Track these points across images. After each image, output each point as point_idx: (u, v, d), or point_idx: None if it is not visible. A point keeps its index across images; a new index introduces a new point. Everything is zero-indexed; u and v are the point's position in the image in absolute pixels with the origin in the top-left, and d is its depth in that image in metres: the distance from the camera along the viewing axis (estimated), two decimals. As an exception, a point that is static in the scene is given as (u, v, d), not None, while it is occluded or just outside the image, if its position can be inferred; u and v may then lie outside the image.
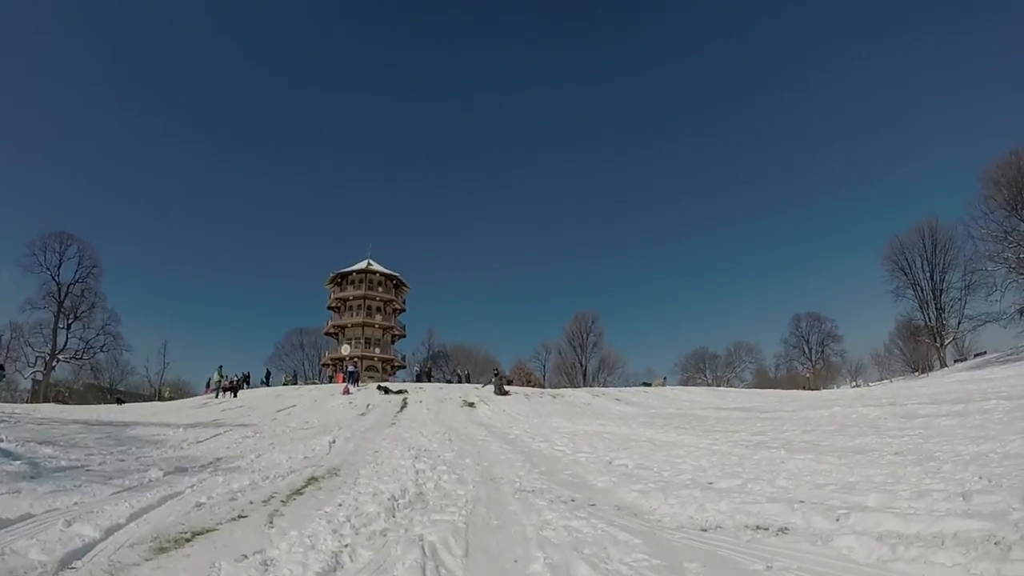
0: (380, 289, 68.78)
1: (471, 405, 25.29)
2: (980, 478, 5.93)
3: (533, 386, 53.02)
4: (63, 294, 56.65)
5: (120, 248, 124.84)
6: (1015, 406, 11.81)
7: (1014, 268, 45.46)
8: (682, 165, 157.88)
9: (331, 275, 69.61)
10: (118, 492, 6.66)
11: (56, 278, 56.82)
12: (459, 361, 75.42)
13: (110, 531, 5.04)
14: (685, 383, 71.25)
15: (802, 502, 5.64)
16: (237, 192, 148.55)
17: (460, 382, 45.62)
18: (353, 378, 37.64)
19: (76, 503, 5.98)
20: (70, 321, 56.95)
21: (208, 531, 5.26)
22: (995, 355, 47.34)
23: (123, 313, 66.20)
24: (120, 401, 38.29)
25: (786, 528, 5.06)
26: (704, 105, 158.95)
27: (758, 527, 5.19)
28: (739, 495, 6.39)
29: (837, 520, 4.96)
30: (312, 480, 8.21)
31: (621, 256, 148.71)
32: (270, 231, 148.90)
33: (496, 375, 28.22)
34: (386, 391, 26.36)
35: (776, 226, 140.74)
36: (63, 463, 8.42)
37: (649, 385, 39.80)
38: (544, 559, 4.57)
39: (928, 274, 62.85)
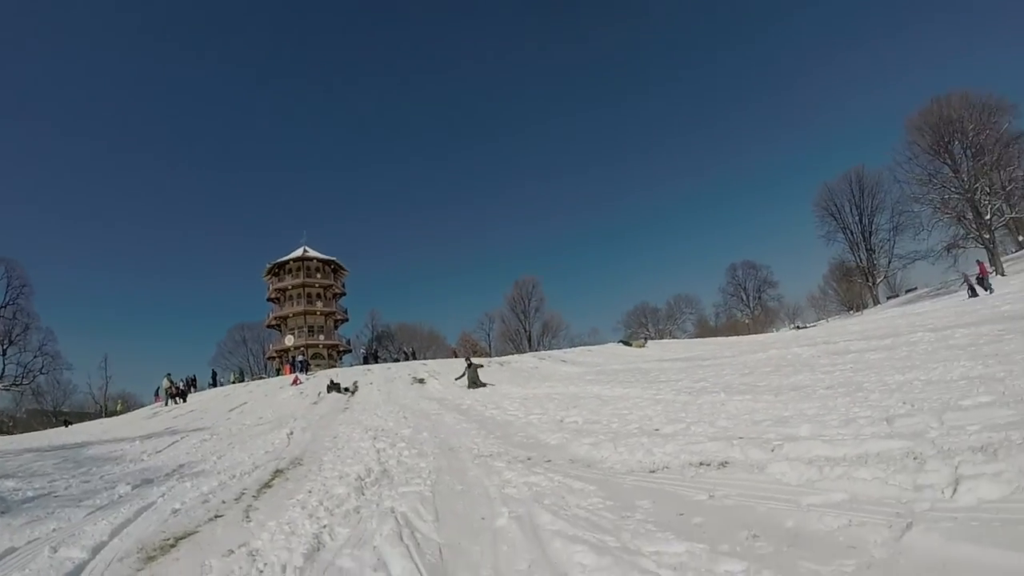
0: (318, 275, 67.40)
1: (421, 381, 25.50)
2: (903, 403, 6.57)
3: (480, 356, 53.36)
4: (-7, 319, 52.54)
5: (42, 261, 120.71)
6: (939, 337, 12.69)
7: (939, 208, 48.23)
8: (614, 126, 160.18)
9: (268, 266, 67.91)
10: (92, 512, 6.67)
11: (-17, 303, 52.57)
12: (404, 340, 74.52)
13: (96, 550, 5.12)
14: (628, 338, 72.55)
15: (741, 438, 6.15)
16: (161, 191, 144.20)
17: (407, 360, 45.72)
18: (303, 367, 37.53)
19: (55, 529, 6.00)
20: (5, 346, 52.88)
21: (190, 534, 5.39)
22: (925, 290, 49.83)
23: (58, 330, 62.55)
24: (67, 423, 36.61)
25: (726, 462, 5.54)
26: (634, 67, 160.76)
27: (701, 464, 5.65)
28: (683, 438, 6.89)
29: (772, 451, 5.47)
30: (278, 472, 8.34)
31: (557, 220, 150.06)
32: (199, 228, 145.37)
33: (469, 365, 22.33)
34: (339, 389, 24.05)
35: (708, 180, 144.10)
36: (29, 493, 8.25)
37: (629, 345, 39.17)
38: (508, 513, 4.93)
39: (857, 218, 67.61)
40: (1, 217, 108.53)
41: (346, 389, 24.32)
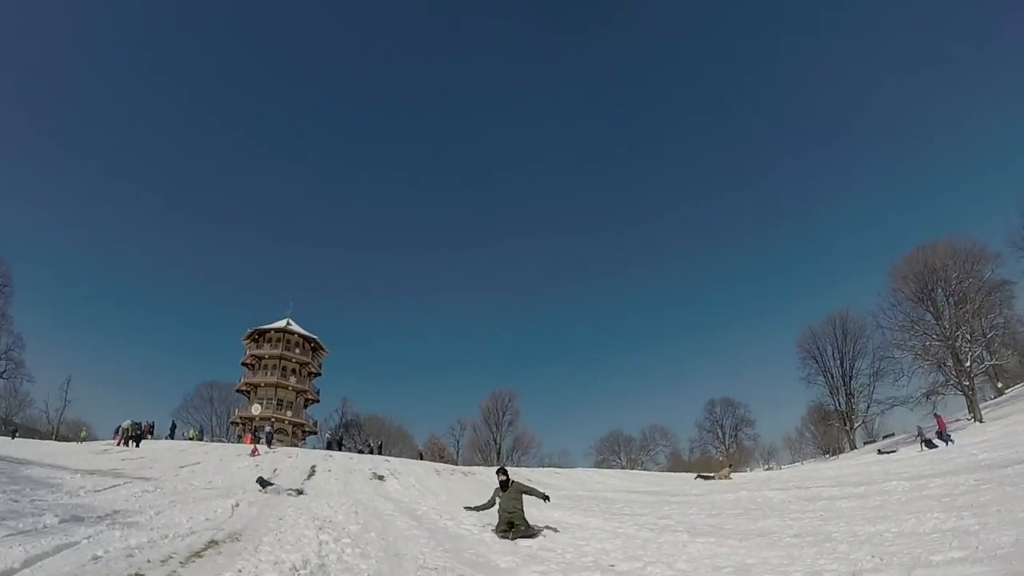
0: (297, 350, 68.16)
1: (380, 478, 24.95)
2: (872, 556, 6.33)
3: (446, 462, 52.57)
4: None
5: (32, 267, 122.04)
6: (913, 486, 12.54)
7: (920, 355, 50.28)
8: (586, 254, 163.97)
9: (249, 330, 68.62)
10: (11, 535, 6.60)
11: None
12: (372, 432, 74.71)
13: (4, 575, 4.96)
14: (599, 465, 72.36)
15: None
16: (153, 229, 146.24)
17: (371, 453, 45.48)
18: (268, 439, 37.77)
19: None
20: (-32, 339, 52.09)
21: (103, 588, 5.05)
22: (903, 436, 50.14)
23: (28, 340, 61.32)
24: (14, 433, 35.92)
25: None
26: (624, 204, 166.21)
27: None
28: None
29: (729, 602, 5.18)
30: (213, 543, 7.98)
31: (539, 336, 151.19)
32: (189, 273, 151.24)
33: (503, 482, 11.37)
34: (263, 484, 16.75)
35: (692, 314, 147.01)
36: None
37: (710, 478, 35.58)
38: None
39: (839, 361, 70.35)
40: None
41: (290, 491, 16.92)
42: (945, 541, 6.41)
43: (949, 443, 29.44)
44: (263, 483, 16.52)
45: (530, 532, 10.34)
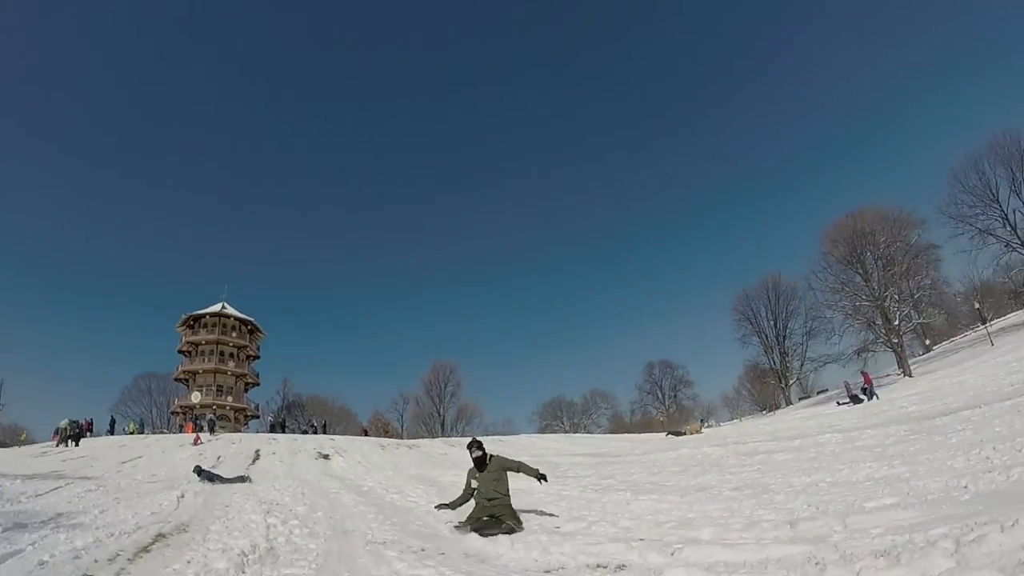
0: (234, 334, 66.53)
1: (326, 457, 25.00)
2: (808, 506, 6.55)
3: (391, 437, 52.47)
4: None
5: None
6: (847, 438, 13.00)
7: (850, 315, 52.15)
8: (531, 203, 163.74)
9: (184, 317, 66.46)
10: None
11: None
12: (315, 412, 73.85)
13: None
14: (542, 431, 73.24)
15: (641, 540, 5.93)
16: (80, 216, 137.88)
17: (315, 433, 44.97)
18: (211, 426, 37.45)
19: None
20: None
21: (52, 591, 4.96)
22: (836, 391, 52.04)
23: None
24: None
25: (623, 565, 5.29)
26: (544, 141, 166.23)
27: (598, 565, 5.40)
28: (583, 537, 6.63)
29: (671, 554, 5.27)
30: (160, 536, 7.86)
31: (478, 306, 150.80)
32: (118, 260, 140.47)
33: (481, 458, 8.51)
34: (212, 478, 15.77)
35: (628, 278, 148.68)
36: None
37: (682, 434, 36.00)
38: (391, 608, 4.57)
39: (772, 322, 74.29)
40: None
41: (234, 478, 16.60)
42: (877, 489, 6.63)
43: (874, 398, 30.49)
44: (201, 473, 15.85)
45: (519, 527, 7.43)
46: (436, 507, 9.34)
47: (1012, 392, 13.61)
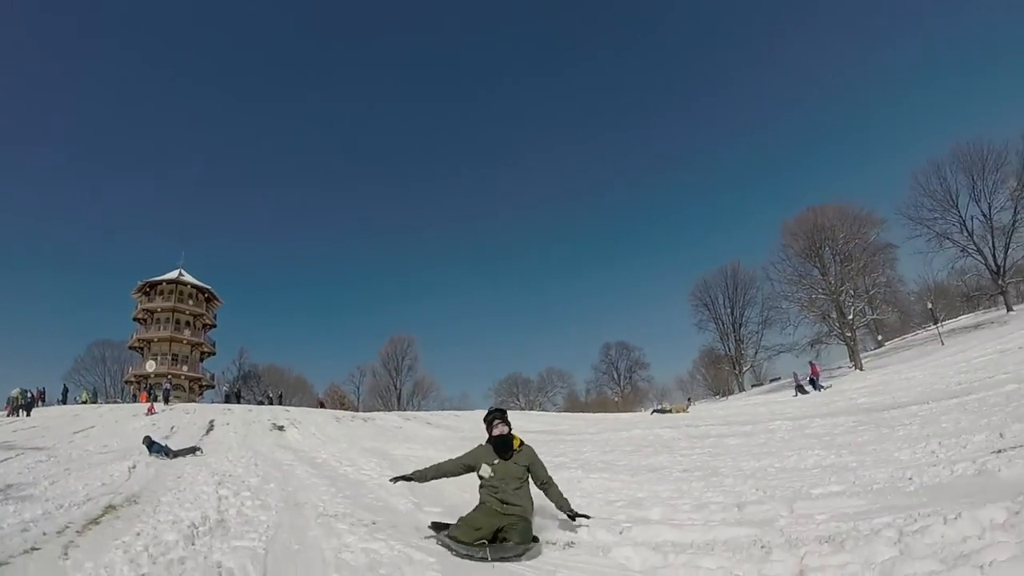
0: (191, 302, 65.14)
1: (280, 429, 24.52)
2: (756, 490, 6.63)
3: (347, 410, 52.25)
4: None
5: None
6: (796, 426, 13.19)
7: (806, 306, 54.28)
8: (487, 193, 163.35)
9: (139, 283, 64.74)
10: None
11: None
12: (271, 382, 73.08)
13: None
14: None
15: (591, 518, 5.94)
16: (36, 181, 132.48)
17: (271, 404, 44.62)
18: (166, 395, 37.75)
19: None
20: None
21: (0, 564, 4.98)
22: (788, 380, 53.25)
23: None
24: None
25: (572, 543, 5.39)
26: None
27: (547, 543, 5.46)
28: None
29: (620, 533, 5.34)
30: (110, 508, 7.76)
31: (439, 283, 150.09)
32: (74, 225, 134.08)
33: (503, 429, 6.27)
34: (164, 451, 14.91)
35: (590, 257, 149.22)
36: None
37: (667, 411, 35.55)
38: (339, 580, 4.58)
39: (729, 310, 75.66)
40: None
41: (186, 450, 15.59)
42: (825, 476, 6.73)
43: (821, 390, 31.11)
44: (152, 446, 14.87)
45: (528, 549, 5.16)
46: (392, 480, 6.87)
47: (959, 390, 13.91)
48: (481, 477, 5.77)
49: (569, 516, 5.71)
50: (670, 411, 35.75)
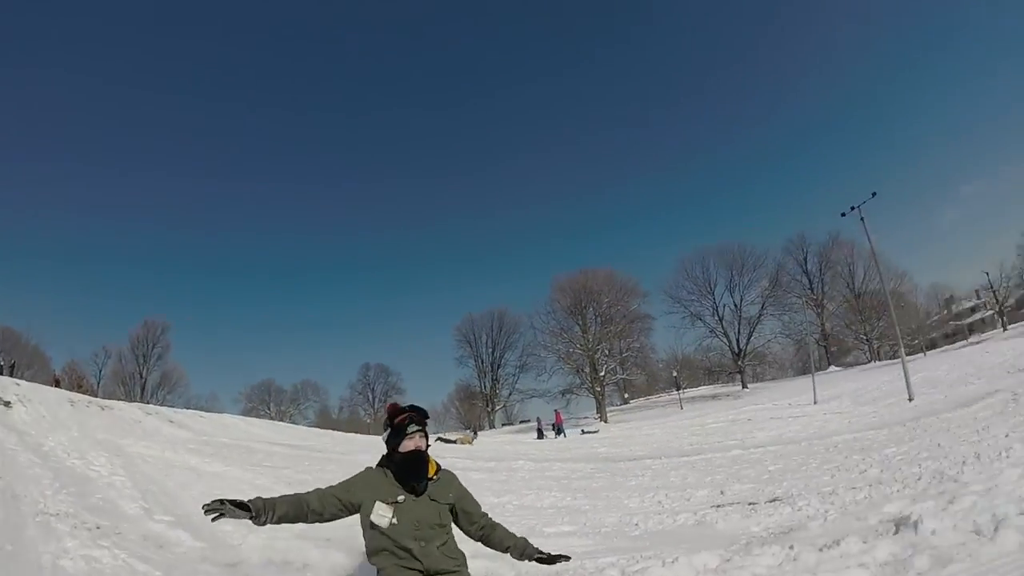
0: None
1: (7, 404, 21.37)
2: (492, 526, 6.69)
3: (85, 393, 47.17)
4: None
5: None
6: (539, 467, 13.81)
7: (563, 358, 58.97)
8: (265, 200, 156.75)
9: None
10: None
11: None
12: (2, 347, 63.32)
13: None
14: (247, 413, 69.98)
15: (328, 539, 5.78)
16: None
17: (1, 374, 38.55)
18: None
19: None
20: None
21: None
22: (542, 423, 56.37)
23: None
24: None
25: (307, 564, 5.34)
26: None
27: (284, 562, 5.39)
28: (271, 532, 6.32)
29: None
30: None
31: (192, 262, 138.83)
32: None
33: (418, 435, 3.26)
34: None
35: (362, 285, 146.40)
36: None
37: (452, 442, 33.35)
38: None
39: (491, 350, 78.84)
40: None
41: None
42: (559, 516, 7.06)
43: (561, 436, 32.93)
44: None
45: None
46: (206, 509, 2.81)
47: (690, 451, 15.25)
48: (374, 525, 3.02)
49: (540, 559, 3.43)
50: (455, 442, 34.46)
